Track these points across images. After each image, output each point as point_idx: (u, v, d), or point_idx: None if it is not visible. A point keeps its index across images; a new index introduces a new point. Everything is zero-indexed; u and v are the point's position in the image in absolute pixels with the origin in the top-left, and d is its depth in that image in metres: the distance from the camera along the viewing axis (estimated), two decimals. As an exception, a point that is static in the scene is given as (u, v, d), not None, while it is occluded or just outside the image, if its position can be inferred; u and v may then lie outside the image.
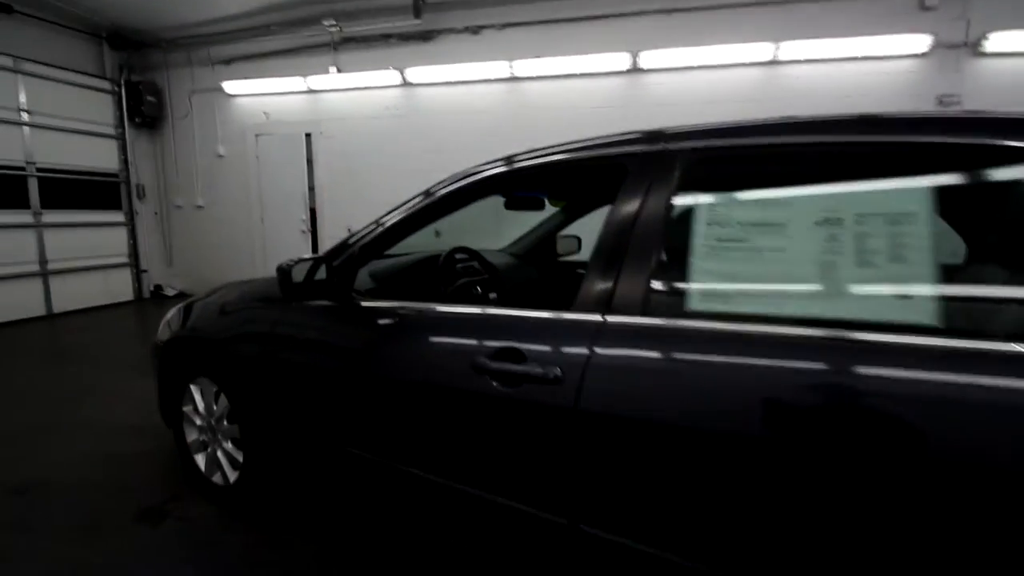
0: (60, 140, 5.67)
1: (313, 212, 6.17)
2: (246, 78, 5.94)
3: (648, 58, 4.59)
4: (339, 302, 1.58)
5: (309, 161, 6.08)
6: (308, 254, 6.16)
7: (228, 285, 2.18)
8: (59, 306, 5.66)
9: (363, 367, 1.50)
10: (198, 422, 2.07)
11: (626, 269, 1.13)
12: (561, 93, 4.98)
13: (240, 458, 1.93)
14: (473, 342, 1.29)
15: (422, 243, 1.91)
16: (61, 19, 5.63)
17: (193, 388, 2.06)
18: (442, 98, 5.38)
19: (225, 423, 1.95)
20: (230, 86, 6.01)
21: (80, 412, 2.95)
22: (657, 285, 1.11)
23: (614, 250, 1.16)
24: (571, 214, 2.63)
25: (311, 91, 5.81)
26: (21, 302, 5.33)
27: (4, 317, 5.14)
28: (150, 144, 6.70)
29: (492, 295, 1.99)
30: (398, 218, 1.55)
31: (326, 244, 6.07)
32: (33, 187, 5.42)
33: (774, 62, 4.39)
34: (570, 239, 2.91)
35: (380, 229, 1.56)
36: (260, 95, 6.04)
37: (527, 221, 2.87)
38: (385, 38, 5.39)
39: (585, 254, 3.01)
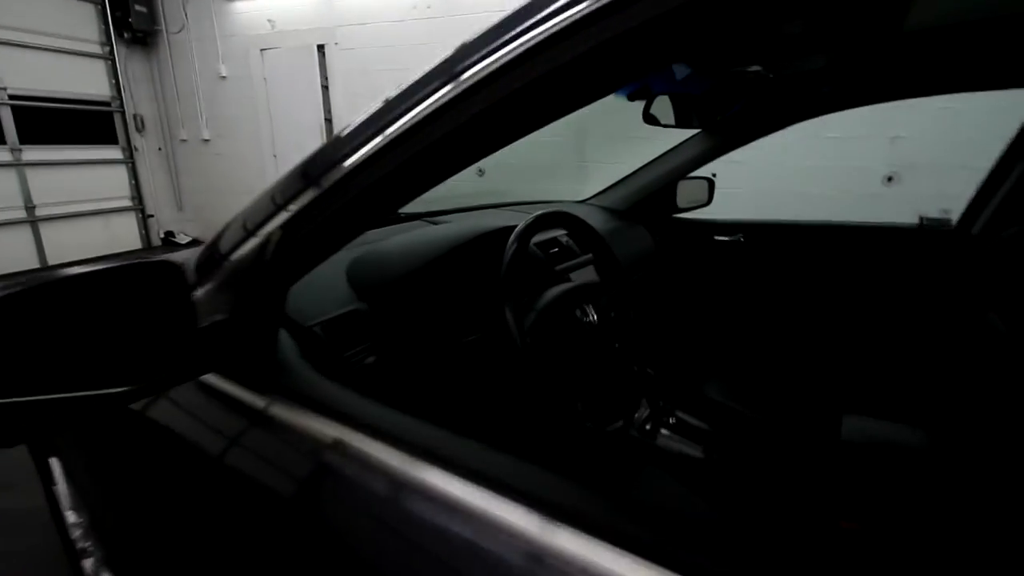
0: (36, 61, 4.74)
1: (332, 146, 5.14)
2: (244, -25, 4.80)
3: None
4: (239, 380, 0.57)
5: (325, 87, 4.97)
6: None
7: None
8: (54, 257, 4.96)
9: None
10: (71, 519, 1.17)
11: None
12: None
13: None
14: None
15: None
16: (17, -99, 4.55)
17: (54, 464, 1.15)
18: (487, -10, 4.08)
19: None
20: (226, -13, 4.89)
21: None
22: None
23: None
24: (730, 138, 1.48)
25: (322, -12, 4.62)
26: (7, 254, 4.64)
27: (-11, 271, 4.49)
28: (145, 66, 5.71)
29: (617, 328, 0.92)
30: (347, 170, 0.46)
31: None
32: (7, 117, 4.58)
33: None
34: (697, 183, 1.78)
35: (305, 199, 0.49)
36: (263, -3, 4.89)
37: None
38: (411, -92, 4.08)
39: (718, 209, 1.87)
